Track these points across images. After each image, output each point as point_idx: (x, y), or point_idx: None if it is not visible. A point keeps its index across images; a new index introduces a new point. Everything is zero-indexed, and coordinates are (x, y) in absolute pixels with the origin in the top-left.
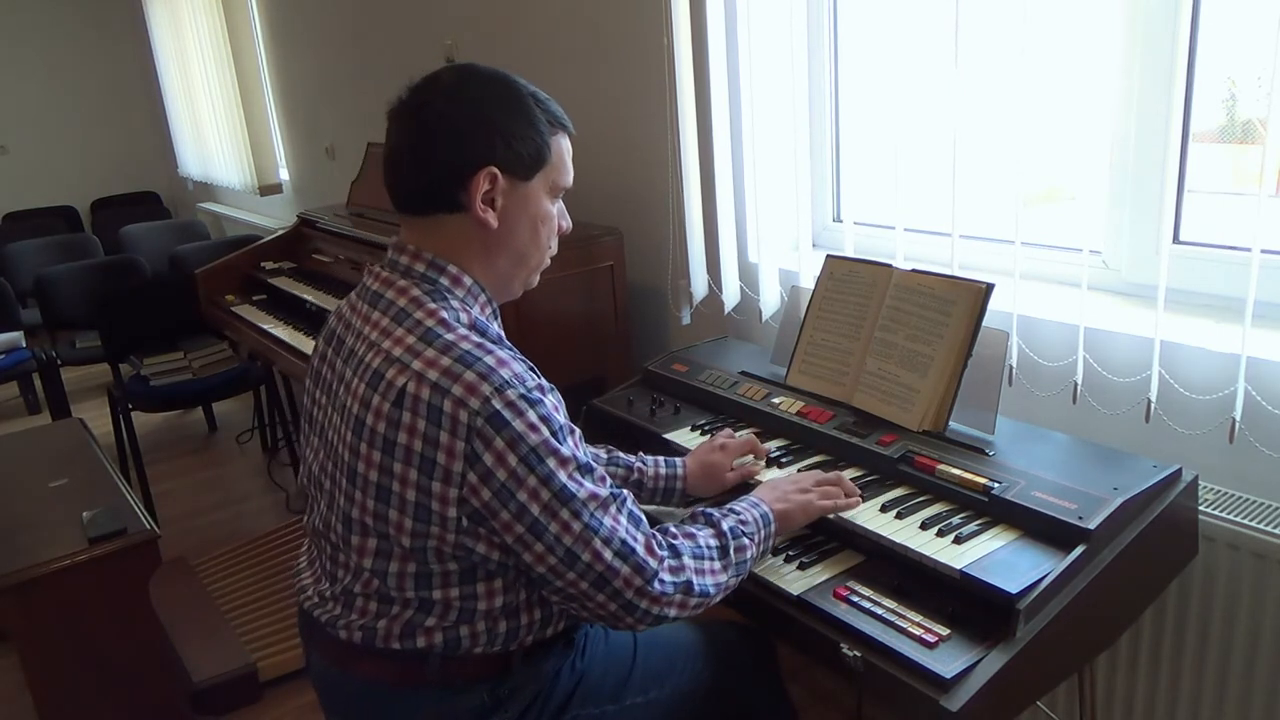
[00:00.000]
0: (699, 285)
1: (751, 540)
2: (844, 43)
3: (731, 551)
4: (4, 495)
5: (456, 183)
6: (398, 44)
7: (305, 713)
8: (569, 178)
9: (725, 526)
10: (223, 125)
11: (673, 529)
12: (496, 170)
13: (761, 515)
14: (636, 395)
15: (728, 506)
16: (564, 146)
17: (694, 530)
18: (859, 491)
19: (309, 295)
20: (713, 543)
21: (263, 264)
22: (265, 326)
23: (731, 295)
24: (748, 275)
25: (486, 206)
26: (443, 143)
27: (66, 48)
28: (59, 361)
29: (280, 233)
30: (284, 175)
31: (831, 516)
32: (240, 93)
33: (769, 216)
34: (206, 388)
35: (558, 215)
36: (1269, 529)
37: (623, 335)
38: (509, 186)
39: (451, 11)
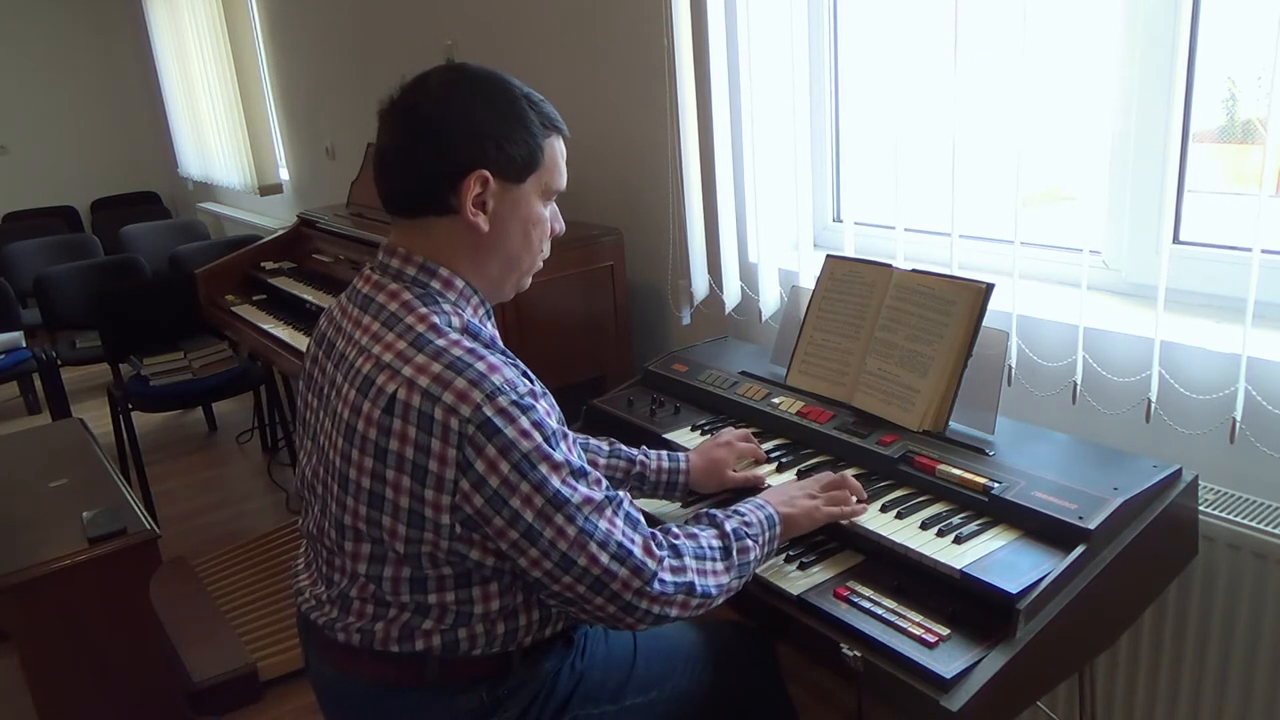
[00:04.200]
0: (699, 285)
1: (755, 542)
2: (844, 43)
3: (734, 553)
4: (4, 495)
5: (447, 186)
6: (398, 44)
7: (305, 713)
8: (562, 181)
9: (729, 527)
10: (223, 125)
11: (674, 529)
12: (488, 174)
13: (766, 517)
14: (636, 395)
15: (733, 508)
16: (557, 149)
17: (696, 531)
18: (865, 495)
19: (309, 295)
20: (715, 543)
21: (263, 264)
22: (265, 326)
23: (732, 295)
24: (748, 275)
25: (477, 210)
26: (433, 145)
27: (67, 48)
28: (59, 361)
29: (280, 233)
30: (284, 175)
31: None
32: (240, 93)
33: (769, 216)
34: (206, 388)
35: (550, 218)
36: (1269, 529)
37: (623, 335)
38: (500, 190)
39: (451, 11)
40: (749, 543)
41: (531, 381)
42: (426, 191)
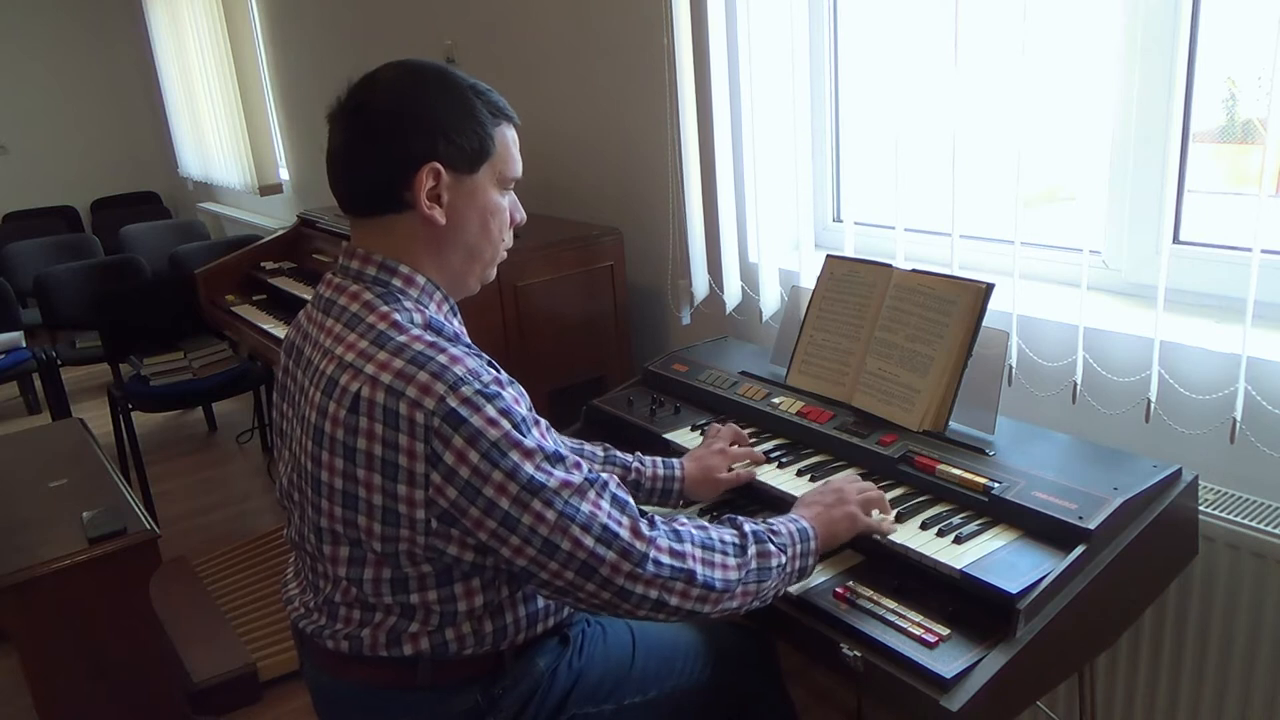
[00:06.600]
0: (699, 285)
1: (781, 550)
2: (844, 43)
3: (751, 554)
4: (4, 495)
5: (400, 181)
6: (398, 44)
7: (305, 713)
8: (517, 168)
9: (748, 529)
10: (223, 125)
11: (683, 518)
12: (439, 166)
13: (799, 530)
14: (636, 395)
15: (762, 518)
16: (509, 137)
17: (709, 525)
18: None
19: (309, 295)
20: (729, 539)
21: (263, 264)
22: (265, 326)
23: (732, 295)
24: (748, 275)
25: (432, 203)
26: (383, 142)
27: (66, 48)
28: (59, 361)
29: (280, 233)
30: (284, 175)
31: None
32: (240, 93)
33: (769, 216)
34: (206, 388)
35: (509, 207)
36: (1269, 529)
37: (623, 335)
38: (454, 181)
39: (451, 11)
40: (771, 548)
41: (497, 371)
42: (380, 188)
